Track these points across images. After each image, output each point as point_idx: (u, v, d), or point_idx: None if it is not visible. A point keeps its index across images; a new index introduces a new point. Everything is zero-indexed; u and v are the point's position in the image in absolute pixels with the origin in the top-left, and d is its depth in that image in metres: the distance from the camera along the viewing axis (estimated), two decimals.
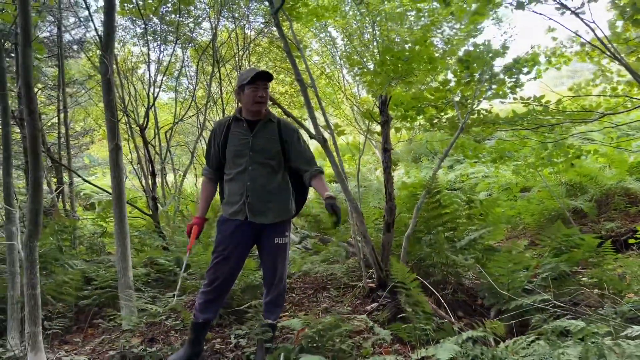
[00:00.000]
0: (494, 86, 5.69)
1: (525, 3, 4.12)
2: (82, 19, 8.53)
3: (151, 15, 7.43)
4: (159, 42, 7.97)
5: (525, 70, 5.76)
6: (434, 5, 10.48)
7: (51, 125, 8.99)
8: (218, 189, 3.26)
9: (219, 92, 9.33)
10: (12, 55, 7.33)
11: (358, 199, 4.36)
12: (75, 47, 9.00)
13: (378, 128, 4.56)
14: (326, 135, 4.57)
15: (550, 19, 4.48)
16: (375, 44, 11.74)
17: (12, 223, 4.15)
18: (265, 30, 9.47)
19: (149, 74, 7.14)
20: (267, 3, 4.20)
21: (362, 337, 3.26)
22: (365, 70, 9.04)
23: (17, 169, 8.04)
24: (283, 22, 6.76)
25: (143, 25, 7.34)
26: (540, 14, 4.29)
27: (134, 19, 8.11)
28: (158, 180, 8.02)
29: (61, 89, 8.22)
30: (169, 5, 7.48)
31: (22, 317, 3.88)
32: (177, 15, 7.39)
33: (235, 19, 8.76)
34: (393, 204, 4.15)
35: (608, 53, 4.49)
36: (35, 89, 8.22)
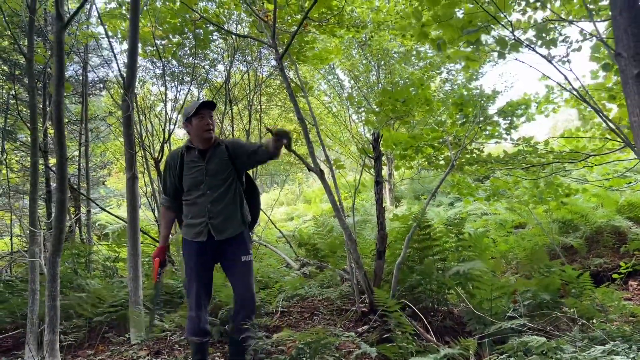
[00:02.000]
0: (489, 128, 6.09)
1: (506, 52, 4.52)
2: (105, 59, 9.18)
3: (170, 58, 8.02)
4: (176, 83, 8.54)
5: (519, 112, 6.17)
6: (430, 52, 11.06)
7: (71, 157, 9.53)
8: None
9: (231, 129, 9.84)
10: (40, 92, 7.90)
11: (353, 228, 4.69)
12: (98, 85, 9.64)
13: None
14: (326, 170, 4.95)
15: (531, 66, 4.89)
16: (380, 86, 12.37)
17: (35, 244, 4.56)
18: (276, 72, 10.04)
19: (165, 112, 7.65)
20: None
21: (348, 352, 3.55)
22: (365, 109, 9.55)
23: (38, 198, 8.50)
24: (291, 65, 7.28)
25: (162, 67, 7.91)
26: (522, 62, 4.68)
27: (154, 60, 8.72)
28: None
29: (83, 124, 8.78)
30: (186, 48, 8.06)
31: (40, 331, 4.24)
32: (194, 58, 7.96)
33: (248, 62, 9.35)
34: (384, 232, 4.48)
35: (586, 101, 4.85)
36: None
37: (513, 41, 4.41)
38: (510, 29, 4.19)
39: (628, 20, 1.75)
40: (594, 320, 4.13)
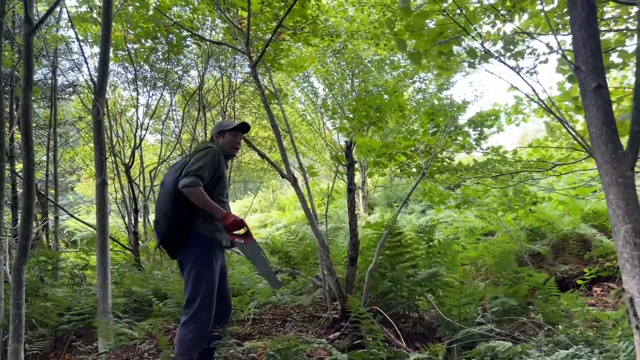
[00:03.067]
0: (459, 138, 6.21)
1: (476, 63, 4.62)
2: (75, 62, 9.03)
3: (142, 63, 7.94)
4: (148, 88, 8.46)
5: (488, 123, 6.31)
6: (403, 61, 11.20)
7: (39, 162, 9.31)
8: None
9: (204, 135, 9.78)
10: (7, 96, 7.72)
11: (326, 235, 4.72)
12: (68, 89, 9.47)
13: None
14: (300, 177, 4.99)
15: (500, 77, 5.01)
16: (354, 94, 12.49)
17: (0, 251, 4.44)
18: (250, 79, 10.03)
19: (137, 117, 7.56)
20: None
21: (320, 359, 3.56)
22: (340, 116, 9.62)
23: (4, 204, 8.28)
24: (265, 73, 7.29)
25: (134, 72, 7.82)
26: (491, 72, 4.79)
27: (126, 65, 8.62)
28: (140, 218, 8.30)
29: (52, 129, 8.60)
30: (159, 53, 8.00)
31: (5, 340, 4.13)
32: (167, 63, 7.90)
33: (222, 68, 9.32)
34: (357, 239, 4.51)
35: (552, 112, 4.99)
36: None
37: (483, 52, 4.51)
38: (480, 40, 4.28)
39: (587, 35, 1.83)
40: (559, 326, 4.23)
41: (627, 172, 1.71)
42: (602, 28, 5.08)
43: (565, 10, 5.32)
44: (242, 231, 3.09)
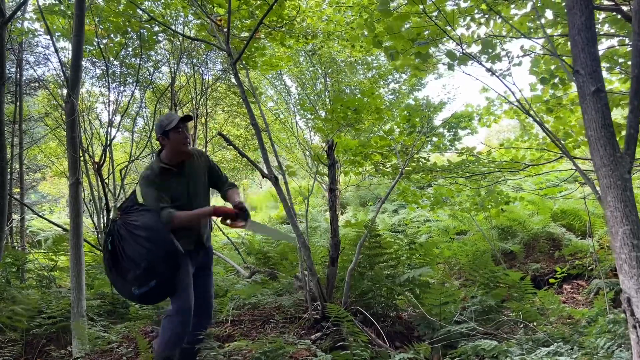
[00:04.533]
0: (434, 139, 6.30)
1: (455, 65, 4.68)
2: (43, 56, 8.73)
3: (112, 58, 7.71)
4: (117, 84, 8.23)
5: (462, 124, 6.41)
6: (381, 60, 11.26)
7: None
8: None
9: None
10: None
11: (306, 235, 4.69)
12: (33, 84, 9.13)
13: (326, 170, 4.98)
14: (278, 175, 4.93)
15: (477, 79, 5.09)
16: (327, 93, 12.50)
17: None
18: (223, 76, 9.90)
19: (109, 115, 7.36)
20: (224, 51, 4.60)
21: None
22: (316, 116, 9.60)
23: None
24: (240, 70, 7.21)
25: (103, 67, 7.59)
26: (469, 74, 4.85)
27: (95, 60, 8.38)
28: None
29: (17, 126, 8.29)
30: (129, 49, 7.80)
31: None
32: (138, 59, 7.70)
33: (194, 65, 9.17)
34: (338, 239, 4.50)
35: (530, 113, 5.09)
36: None
37: (461, 54, 4.56)
38: (459, 42, 4.33)
39: (586, 40, 1.86)
40: (534, 323, 4.32)
41: (625, 175, 1.75)
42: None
43: (539, 14, 5.46)
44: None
